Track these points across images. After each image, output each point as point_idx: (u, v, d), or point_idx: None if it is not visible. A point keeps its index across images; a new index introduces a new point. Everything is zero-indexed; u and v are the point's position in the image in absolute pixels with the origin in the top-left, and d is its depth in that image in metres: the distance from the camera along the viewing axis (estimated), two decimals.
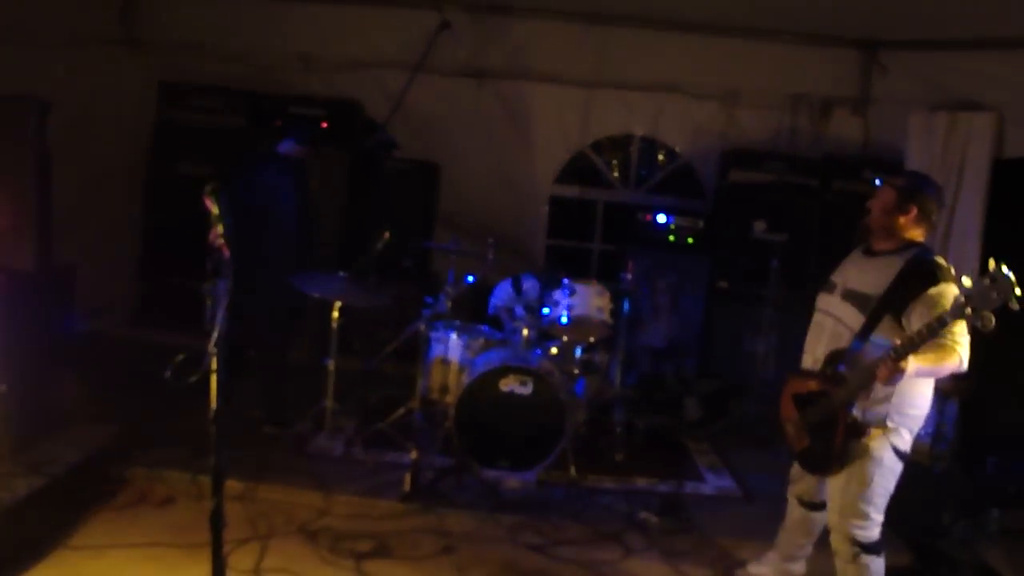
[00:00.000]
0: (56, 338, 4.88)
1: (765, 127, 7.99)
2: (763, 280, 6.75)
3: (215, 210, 2.85)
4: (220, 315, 2.77)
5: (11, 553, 3.88)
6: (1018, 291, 3.00)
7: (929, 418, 5.53)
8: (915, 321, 3.44)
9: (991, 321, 3.04)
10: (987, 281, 3.02)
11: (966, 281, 3.10)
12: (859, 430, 3.55)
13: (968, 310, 3.07)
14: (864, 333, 3.56)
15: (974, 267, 6.02)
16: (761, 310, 6.73)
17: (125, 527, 4.39)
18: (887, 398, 3.56)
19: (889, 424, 3.59)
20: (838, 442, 3.59)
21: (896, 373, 3.30)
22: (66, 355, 5.01)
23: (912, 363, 3.30)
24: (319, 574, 4.13)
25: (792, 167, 7.58)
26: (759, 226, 6.77)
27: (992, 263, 3.04)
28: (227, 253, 2.81)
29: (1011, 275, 3.00)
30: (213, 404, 2.82)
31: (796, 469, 4.11)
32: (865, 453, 3.59)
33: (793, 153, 7.77)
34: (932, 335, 3.26)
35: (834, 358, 3.67)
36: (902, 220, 3.68)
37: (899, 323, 3.50)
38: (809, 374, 3.82)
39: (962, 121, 6.45)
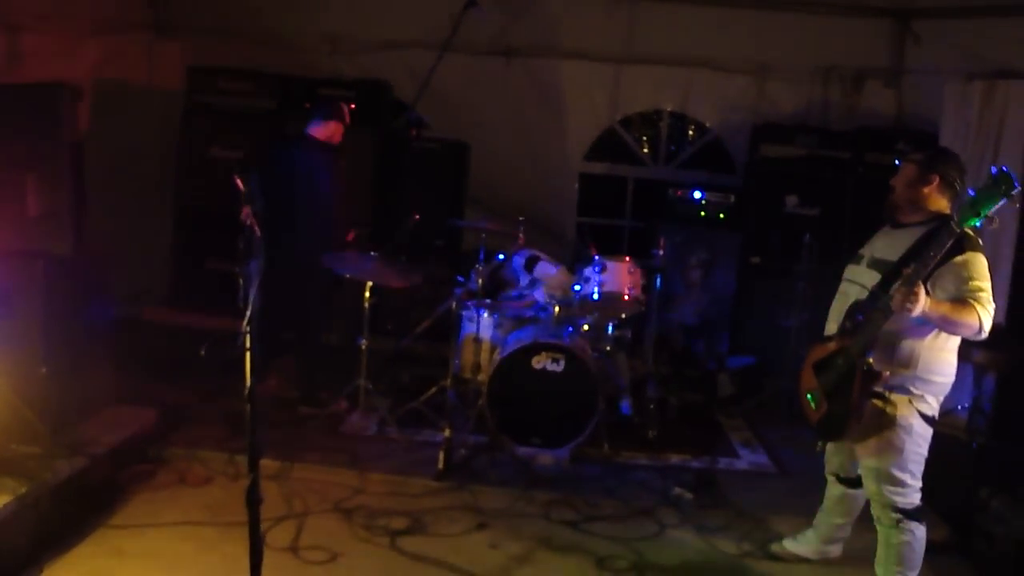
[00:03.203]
0: (93, 322, 4.93)
1: (796, 101, 7.92)
2: (795, 255, 6.68)
3: (245, 189, 2.86)
4: (252, 294, 2.78)
5: (55, 531, 3.95)
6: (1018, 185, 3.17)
7: (967, 392, 5.56)
8: (940, 289, 3.44)
9: (995, 222, 3.27)
10: (990, 180, 3.19)
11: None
12: (874, 377, 3.51)
13: (979, 212, 3.21)
14: (883, 286, 3.55)
15: (1012, 234, 5.94)
16: (794, 285, 6.67)
17: (164, 506, 4.44)
18: (910, 364, 3.54)
19: (913, 391, 3.57)
20: (855, 395, 3.55)
21: (910, 299, 3.26)
22: (103, 339, 5.06)
23: (926, 297, 3.29)
24: (355, 551, 4.16)
25: (824, 141, 7.50)
26: (791, 201, 6.72)
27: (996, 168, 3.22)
28: (258, 232, 2.81)
29: (1012, 173, 3.19)
30: (248, 382, 2.84)
31: (830, 445, 4.09)
32: (893, 421, 3.57)
33: (825, 127, 7.71)
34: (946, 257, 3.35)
35: (852, 311, 3.68)
36: (926, 190, 3.68)
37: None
38: (829, 338, 3.82)
39: (999, 89, 6.32)
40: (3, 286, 4.30)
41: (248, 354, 2.82)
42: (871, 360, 3.53)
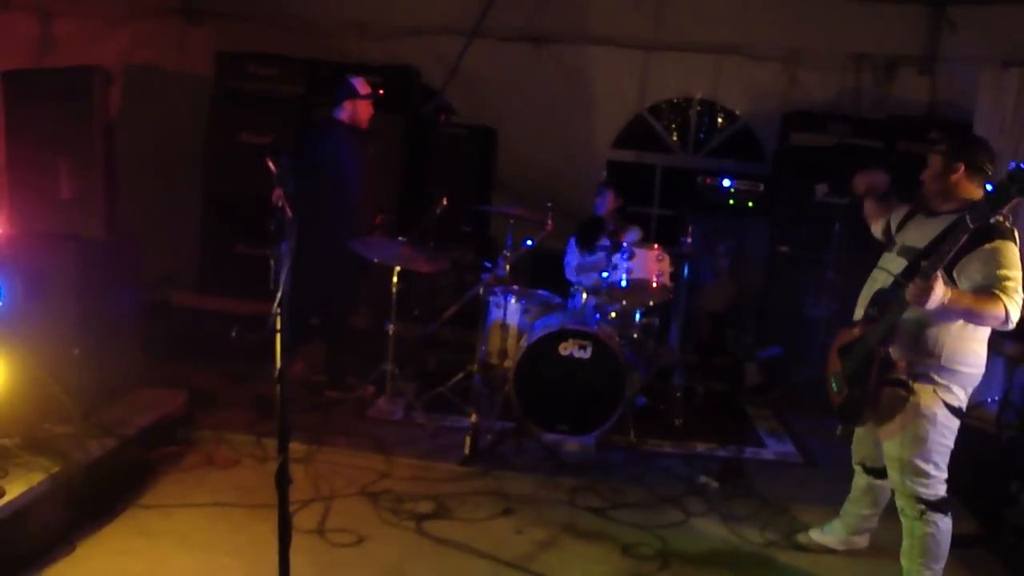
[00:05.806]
0: (123, 305, 4.98)
1: (827, 88, 7.83)
2: (825, 244, 6.63)
3: (277, 171, 2.87)
4: (284, 276, 2.79)
5: (88, 510, 4.00)
6: None
7: (997, 385, 5.49)
8: (966, 278, 3.41)
9: (1010, 219, 3.25)
10: (1006, 177, 3.11)
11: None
12: (891, 366, 3.51)
13: (993, 209, 3.15)
14: (906, 275, 3.52)
15: None
16: (823, 274, 6.62)
17: (193, 488, 4.49)
18: (934, 353, 3.51)
19: (938, 380, 3.54)
20: (872, 381, 3.56)
21: (925, 292, 3.23)
22: (133, 321, 5.11)
23: (944, 288, 3.25)
24: (381, 534, 4.18)
25: (855, 129, 7.42)
26: (821, 189, 6.64)
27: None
28: (290, 213, 2.82)
29: None
30: (278, 363, 2.85)
31: (857, 433, 4.07)
32: (917, 411, 3.54)
33: (857, 115, 7.61)
34: (962, 252, 3.30)
35: (876, 300, 3.68)
36: (954, 179, 3.63)
37: (949, 277, 3.44)
38: (855, 324, 3.83)
39: None
40: (36, 268, 4.35)
41: (278, 336, 2.83)
42: (889, 349, 3.52)
